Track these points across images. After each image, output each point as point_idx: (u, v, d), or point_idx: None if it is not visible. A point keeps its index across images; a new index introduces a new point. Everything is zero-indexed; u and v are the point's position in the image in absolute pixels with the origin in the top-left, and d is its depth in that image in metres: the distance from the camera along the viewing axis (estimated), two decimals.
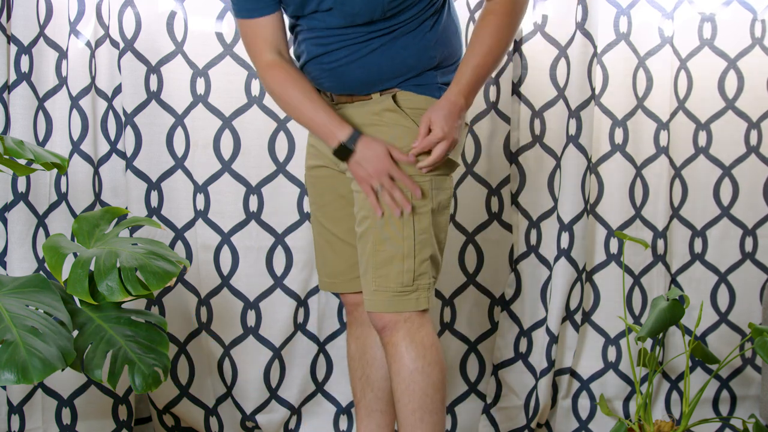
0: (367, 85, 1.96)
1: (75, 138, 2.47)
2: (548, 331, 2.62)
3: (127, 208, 2.51)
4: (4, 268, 2.44)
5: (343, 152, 1.94)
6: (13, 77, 2.36)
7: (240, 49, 2.51)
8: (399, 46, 1.93)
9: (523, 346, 2.70)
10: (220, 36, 2.51)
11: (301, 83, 1.99)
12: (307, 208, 2.57)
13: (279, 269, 2.60)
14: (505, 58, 2.51)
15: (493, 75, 2.54)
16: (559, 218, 2.60)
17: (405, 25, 1.92)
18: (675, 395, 2.72)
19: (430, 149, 1.91)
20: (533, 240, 2.66)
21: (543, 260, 2.66)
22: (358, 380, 2.18)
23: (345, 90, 1.99)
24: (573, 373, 2.72)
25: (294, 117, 2.02)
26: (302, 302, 2.62)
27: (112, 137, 2.54)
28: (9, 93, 2.37)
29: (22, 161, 2.19)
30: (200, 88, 2.52)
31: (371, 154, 1.92)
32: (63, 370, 1.81)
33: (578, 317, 2.66)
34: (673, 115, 2.65)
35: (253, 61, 2.03)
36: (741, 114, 2.66)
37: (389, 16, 1.90)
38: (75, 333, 1.95)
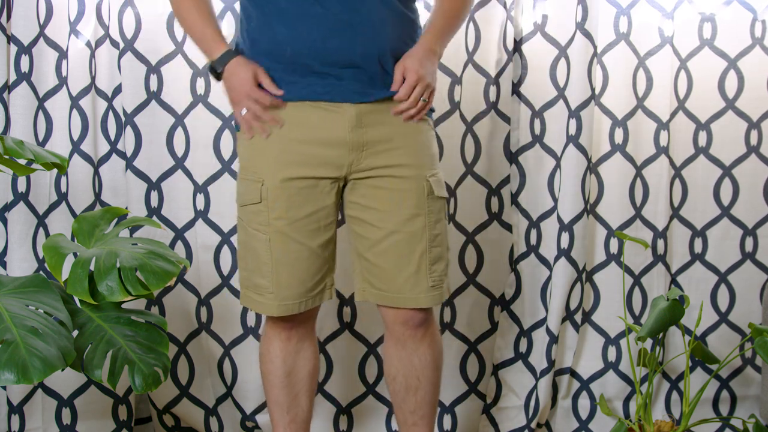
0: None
1: (75, 138, 2.47)
2: (548, 331, 2.62)
3: (127, 208, 2.51)
4: (4, 268, 2.44)
5: (213, 73, 1.97)
6: (13, 77, 2.36)
7: None
8: None
9: (523, 346, 2.70)
10: None
11: None
12: None
13: None
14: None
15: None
16: (559, 218, 2.60)
17: None
18: (675, 395, 2.72)
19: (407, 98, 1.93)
20: (533, 240, 2.66)
21: (543, 260, 2.66)
22: (287, 393, 2.12)
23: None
24: (573, 373, 2.72)
25: (184, 27, 2.04)
26: None
27: (112, 137, 2.54)
28: (9, 93, 2.37)
29: (22, 161, 2.19)
30: (200, 88, 2.52)
31: (236, 80, 1.93)
32: (63, 370, 1.81)
33: (578, 317, 2.66)
34: (673, 115, 2.65)
35: None
36: (741, 114, 2.66)
37: None
38: (75, 333, 1.95)
